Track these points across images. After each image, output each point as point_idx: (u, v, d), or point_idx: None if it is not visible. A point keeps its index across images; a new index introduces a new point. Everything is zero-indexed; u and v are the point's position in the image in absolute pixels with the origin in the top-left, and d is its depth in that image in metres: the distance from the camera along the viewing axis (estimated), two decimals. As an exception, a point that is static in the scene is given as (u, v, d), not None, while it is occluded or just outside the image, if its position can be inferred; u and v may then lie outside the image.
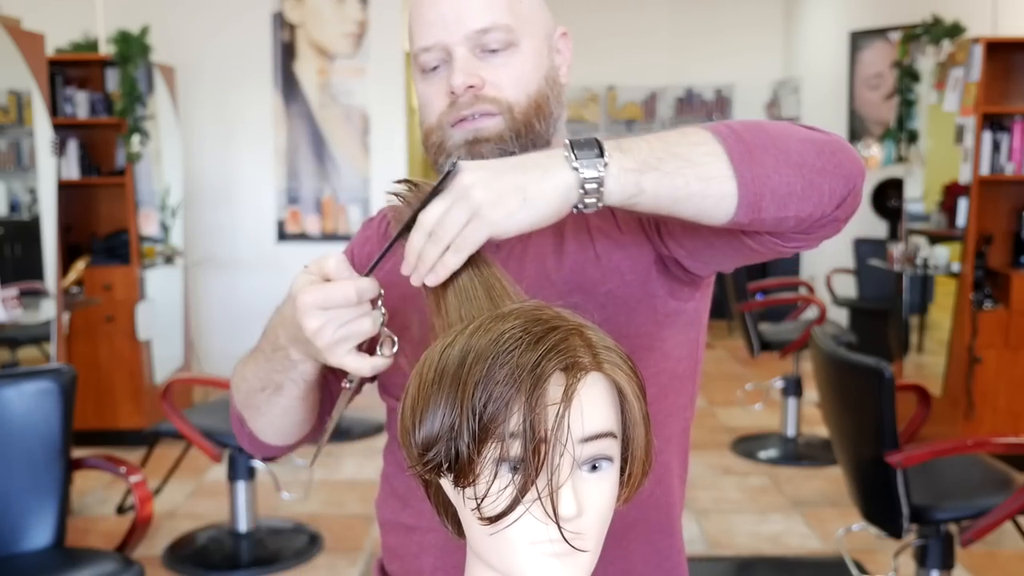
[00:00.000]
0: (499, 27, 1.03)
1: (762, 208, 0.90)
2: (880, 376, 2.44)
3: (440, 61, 1.05)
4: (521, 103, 1.04)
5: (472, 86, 1.03)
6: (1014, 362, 4.30)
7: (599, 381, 0.72)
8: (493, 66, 1.04)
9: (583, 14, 8.04)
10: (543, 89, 1.07)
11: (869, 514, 2.66)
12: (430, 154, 1.09)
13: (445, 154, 1.05)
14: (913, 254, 4.73)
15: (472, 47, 1.04)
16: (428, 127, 1.08)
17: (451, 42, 1.03)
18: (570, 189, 0.84)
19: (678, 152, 0.88)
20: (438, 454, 0.71)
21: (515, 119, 1.04)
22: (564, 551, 0.71)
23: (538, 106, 1.06)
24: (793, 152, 0.91)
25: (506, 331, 0.71)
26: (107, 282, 4.76)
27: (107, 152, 4.89)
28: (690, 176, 0.87)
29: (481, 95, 1.03)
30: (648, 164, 0.86)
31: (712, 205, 0.89)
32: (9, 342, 4.12)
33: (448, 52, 1.04)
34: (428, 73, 1.06)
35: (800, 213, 0.91)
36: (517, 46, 1.05)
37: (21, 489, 2.49)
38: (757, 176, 0.88)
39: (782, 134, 0.92)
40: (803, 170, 0.91)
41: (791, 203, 0.90)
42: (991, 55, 4.20)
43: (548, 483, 0.69)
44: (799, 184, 0.90)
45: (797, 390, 4.71)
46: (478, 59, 1.04)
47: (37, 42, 4.03)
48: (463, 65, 1.03)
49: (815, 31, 7.57)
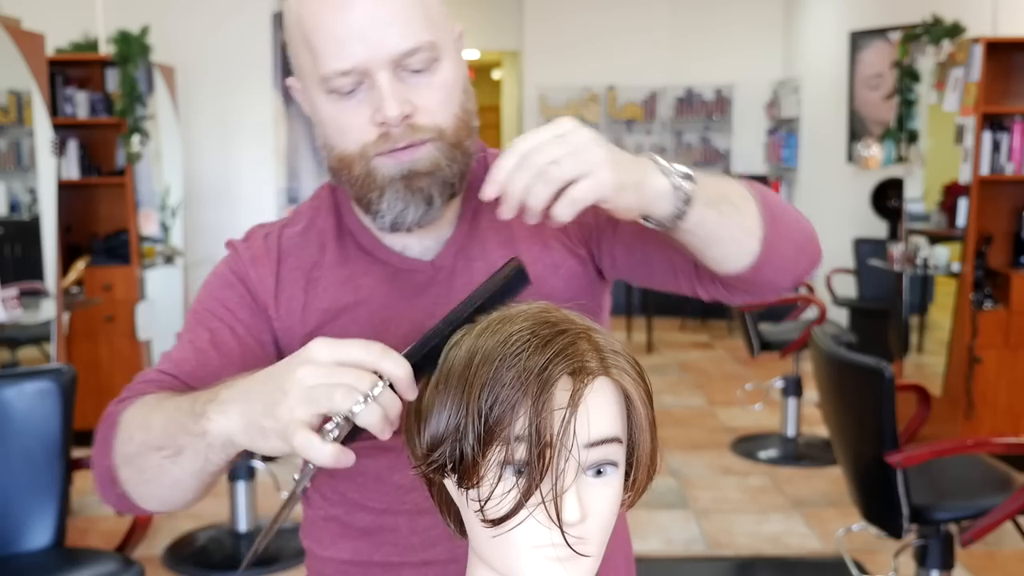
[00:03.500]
0: (423, 46, 0.95)
1: (764, 270, 0.99)
2: (880, 376, 2.44)
3: (356, 85, 0.95)
4: (451, 125, 0.99)
5: (407, 115, 0.95)
6: (1014, 362, 4.30)
7: (606, 386, 0.71)
8: (419, 89, 0.96)
9: (583, 13, 8.05)
10: (464, 103, 1.01)
11: (869, 514, 2.66)
12: (348, 184, 1.01)
13: (377, 189, 0.98)
14: (913, 254, 4.73)
15: (395, 70, 0.95)
16: (346, 156, 0.99)
17: (373, 66, 0.94)
18: (668, 196, 0.90)
19: (731, 199, 0.96)
20: (443, 454, 0.71)
21: (447, 143, 0.99)
22: (567, 556, 0.70)
23: (464, 124, 1.01)
24: (794, 229, 1.02)
25: (514, 333, 0.71)
26: (107, 282, 4.76)
27: (107, 152, 4.89)
28: (735, 224, 0.96)
29: (414, 124, 0.96)
30: (714, 201, 0.93)
31: (735, 254, 0.97)
32: (9, 342, 4.12)
33: (368, 76, 0.94)
34: (341, 96, 0.96)
35: (778, 280, 1.03)
36: (439, 62, 0.97)
37: (21, 489, 2.49)
38: (773, 241, 0.98)
39: (786, 208, 1.03)
40: (796, 246, 1.02)
41: (781, 272, 1.02)
42: (991, 55, 4.20)
43: (552, 487, 0.68)
44: (791, 256, 1.02)
45: (797, 390, 4.71)
46: (402, 82, 0.95)
47: (37, 42, 4.03)
48: (394, 93, 0.94)
49: (815, 31, 7.57)
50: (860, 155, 6.60)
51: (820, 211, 7.31)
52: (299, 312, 1.05)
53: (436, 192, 0.99)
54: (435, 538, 1.03)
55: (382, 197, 0.99)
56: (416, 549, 1.05)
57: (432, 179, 0.98)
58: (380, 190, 0.99)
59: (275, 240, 1.09)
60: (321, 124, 1.01)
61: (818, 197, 7.38)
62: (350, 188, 1.02)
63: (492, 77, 11.88)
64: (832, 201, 7.02)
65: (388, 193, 0.98)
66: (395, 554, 1.05)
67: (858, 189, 6.57)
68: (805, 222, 1.05)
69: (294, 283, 1.06)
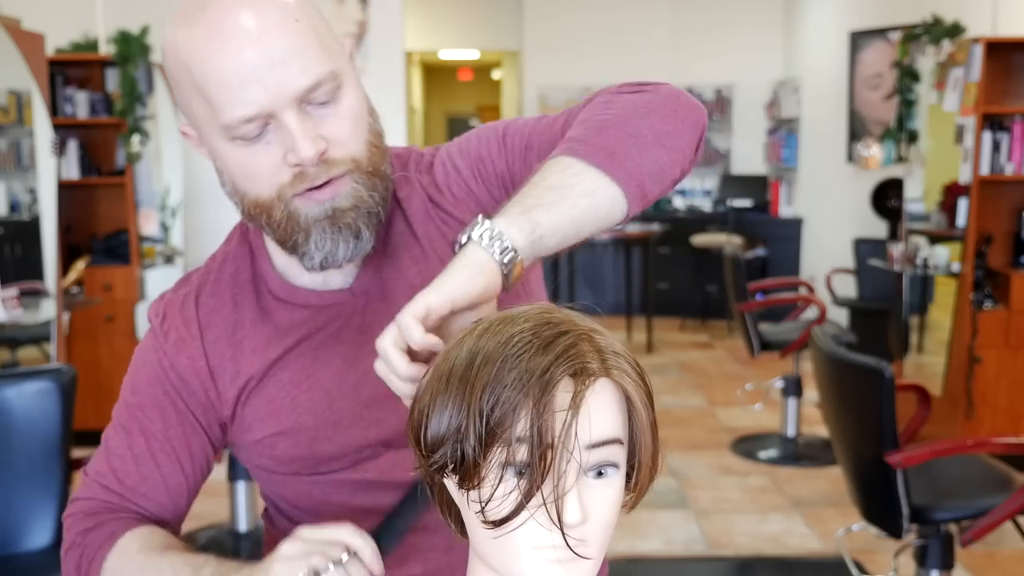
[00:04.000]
0: (325, 78, 0.91)
1: (646, 193, 0.95)
2: (880, 376, 2.44)
3: (262, 128, 0.91)
4: (364, 153, 0.96)
5: (322, 152, 0.92)
6: (1014, 362, 4.30)
7: (607, 387, 0.71)
8: (326, 120, 0.93)
9: (583, 13, 8.04)
10: (372, 126, 0.99)
11: (869, 514, 2.66)
12: (269, 229, 0.98)
13: (302, 231, 0.96)
14: (913, 254, 4.73)
15: (300, 106, 0.91)
16: (262, 201, 0.95)
17: (277, 107, 0.90)
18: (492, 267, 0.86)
19: (550, 184, 0.92)
20: (444, 455, 0.71)
21: (364, 173, 0.96)
22: (567, 557, 0.70)
23: (377, 148, 0.98)
24: (646, 131, 0.96)
25: (515, 334, 0.71)
26: (107, 282, 4.76)
27: (107, 152, 4.89)
28: (573, 198, 0.91)
29: (329, 159, 0.93)
30: (529, 207, 0.89)
31: (606, 213, 0.94)
32: (9, 342, 4.12)
33: (274, 117, 0.91)
34: (248, 141, 0.92)
35: (674, 176, 0.98)
36: (342, 89, 0.94)
37: (21, 489, 2.49)
38: (629, 170, 0.94)
39: (627, 119, 0.97)
40: (661, 141, 0.97)
41: (667, 174, 0.97)
42: (991, 55, 4.20)
43: (553, 489, 0.68)
44: (665, 155, 0.97)
45: (797, 390, 4.71)
46: (309, 116, 0.92)
47: (37, 42, 4.03)
48: (303, 132, 0.91)
49: (815, 31, 7.57)
50: (860, 155, 6.60)
51: (820, 211, 7.34)
52: (232, 381, 1.04)
53: (363, 224, 0.97)
54: (408, 551, 1.02)
55: (308, 239, 0.96)
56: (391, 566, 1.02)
57: (357, 213, 0.96)
58: (305, 232, 0.96)
59: (192, 311, 1.06)
60: (227, 171, 0.97)
61: (818, 197, 7.38)
62: (271, 232, 0.99)
63: (492, 77, 11.88)
64: (832, 201, 7.02)
65: (314, 234, 0.96)
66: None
67: (858, 189, 6.57)
68: (655, 103, 0.98)
69: (222, 355, 1.04)
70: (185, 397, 1.04)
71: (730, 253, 5.05)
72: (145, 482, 1.03)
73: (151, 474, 1.03)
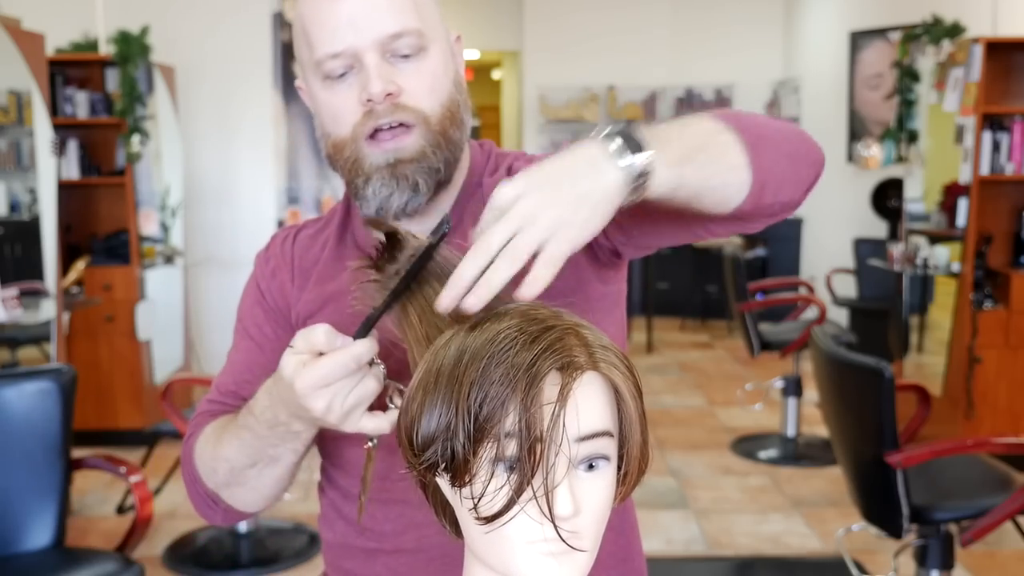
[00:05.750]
0: (410, 32, 0.99)
1: (763, 196, 0.93)
2: (880, 376, 2.44)
3: (347, 68, 1.00)
4: (436, 112, 1.01)
5: (391, 93, 0.99)
6: (1014, 362, 4.30)
7: (595, 380, 0.72)
8: (406, 73, 1.00)
9: (583, 13, 8.05)
10: (454, 96, 1.04)
11: (869, 514, 2.66)
12: (340, 169, 1.05)
13: (364, 175, 1.02)
14: (913, 254, 4.73)
15: (383, 52, 0.99)
16: (339, 139, 1.03)
17: (362, 47, 0.98)
18: (621, 187, 0.80)
19: (703, 143, 0.88)
20: (434, 454, 0.71)
21: (432, 131, 1.01)
22: (561, 550, 0.70)
23: (451, 114, 1.03)
24: (782, 142, 0.96)
25: (502, 330, 0.71)
26: (107, 282, 4.76)
27: (107, 152, 4.89)
28: (717, 168, 0.89)
29: (399, 103, 0.99)
30: (685, 157, 0.85)
31: (729, 195, 0.91)
32: (9, 342, 4.12)
33: (358, 58, 0.99)
34: (334, 81, 1.01)
35: (786, 198, 0.96)
36: (427, 51, 1.01)
37: (21, 489, 2.49)
38: (763, 165, 0.91)
39: (768, 124, 0.96)
40: (791, 159, 0.96)
41: (784, 190, 0.95)
42: (991, 55, 4.20)
43: (544, 482, 0.68)
44: (790, 172, 0.96)
45: (797, 390, 4.71)
46: (390, 65, 0.99)
47: (37, 42, 4.03)
48: (379, 72, 0.98)
49: (815, 31, 7.57)
50: (860, 155, 6.60)
51: (820, 211, 7.34)
52: (296, 307, 1.13)
53: (422, 179, 1.02)
54: (403, 526, 1.06)
55: (368, 184, 1.02)
56: (389, 536, 1.07)
57: (418, 166, 1.01)
58: (366, 177, 1.02)
59: (290, 244, 1.16)
60: (318, 113, 1.05)
61: (818, 197, 7.28)
62: (342, 173, 1.05)
63: (492, 77, 11.88)
64: (832, 201, 7.02)
65: (374, 179, 1.02)
66: (373, 539, 1.08)
67: (858, 189, 6.57)
68: (793, 129, 1.00)
69: (301, 286, 1.13)
70: (272, 317, 1.14)
71: (730, 253, 5.05)
72: (240, 387, 1.11)
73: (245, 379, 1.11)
